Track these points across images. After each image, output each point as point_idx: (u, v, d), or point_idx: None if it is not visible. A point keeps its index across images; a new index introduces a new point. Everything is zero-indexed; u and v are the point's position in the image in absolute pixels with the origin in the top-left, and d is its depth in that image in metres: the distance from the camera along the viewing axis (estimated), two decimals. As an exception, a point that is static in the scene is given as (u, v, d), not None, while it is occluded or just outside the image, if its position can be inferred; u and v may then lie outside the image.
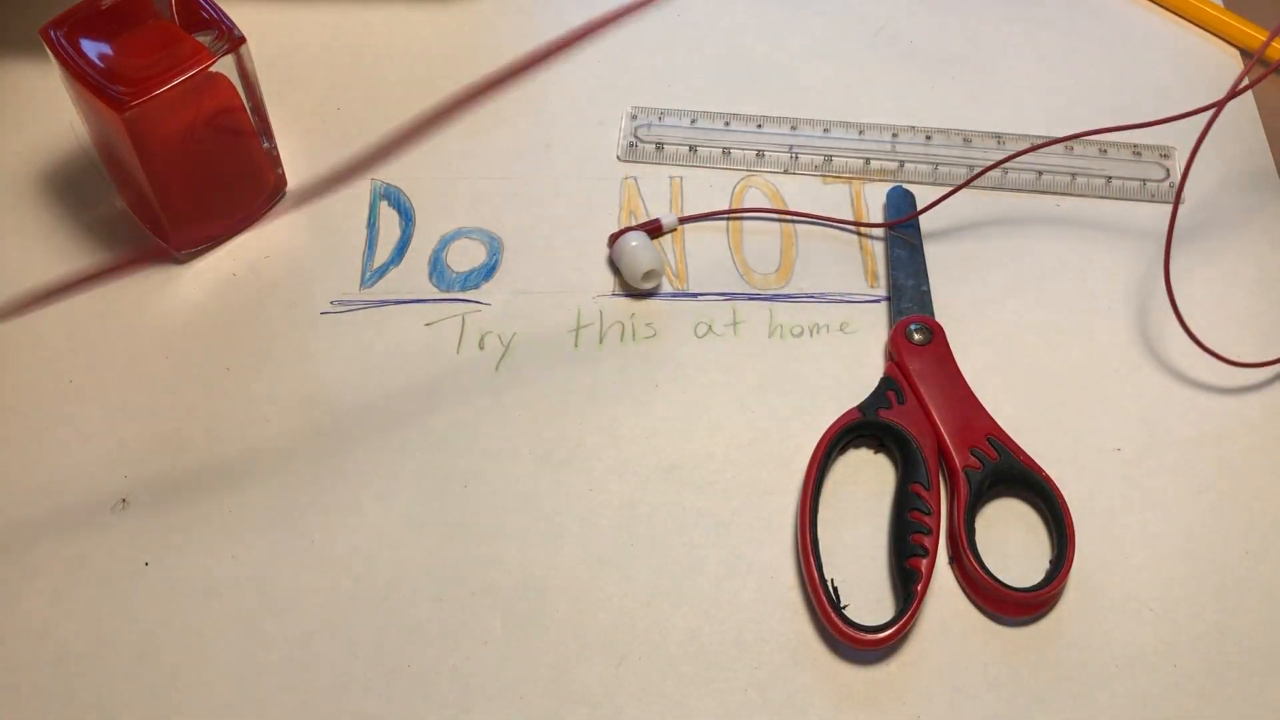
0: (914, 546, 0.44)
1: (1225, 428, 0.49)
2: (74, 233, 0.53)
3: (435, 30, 0.60)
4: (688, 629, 0.44)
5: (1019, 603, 0.44)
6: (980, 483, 0.46)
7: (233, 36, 0.47)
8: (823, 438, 0.47)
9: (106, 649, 0.44)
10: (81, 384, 0.49)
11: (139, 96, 0.45)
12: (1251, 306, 0.52)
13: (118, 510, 0.46)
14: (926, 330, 0.49)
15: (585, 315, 0.52)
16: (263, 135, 0.52)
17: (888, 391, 0.48)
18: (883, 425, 0.47)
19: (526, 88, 0.58)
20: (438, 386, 0.49)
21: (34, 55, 0.58)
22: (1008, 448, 0.46)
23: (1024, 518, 0.47)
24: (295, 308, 0.51)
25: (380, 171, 0.55)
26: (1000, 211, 0.55)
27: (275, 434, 0.48)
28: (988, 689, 0.43)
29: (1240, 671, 0.44)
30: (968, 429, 0.47)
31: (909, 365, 0.48)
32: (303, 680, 0.43)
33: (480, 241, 0.53)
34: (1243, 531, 0.46)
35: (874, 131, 0.57)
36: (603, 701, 0.43)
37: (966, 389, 0.48)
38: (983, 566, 0.44)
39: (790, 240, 0.54)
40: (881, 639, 0.43)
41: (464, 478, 0.47)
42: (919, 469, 0.46)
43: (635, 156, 0.56)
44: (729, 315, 0.52)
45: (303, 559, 0.45)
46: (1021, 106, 0.58)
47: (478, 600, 0.45)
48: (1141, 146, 0.57)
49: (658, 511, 0.47)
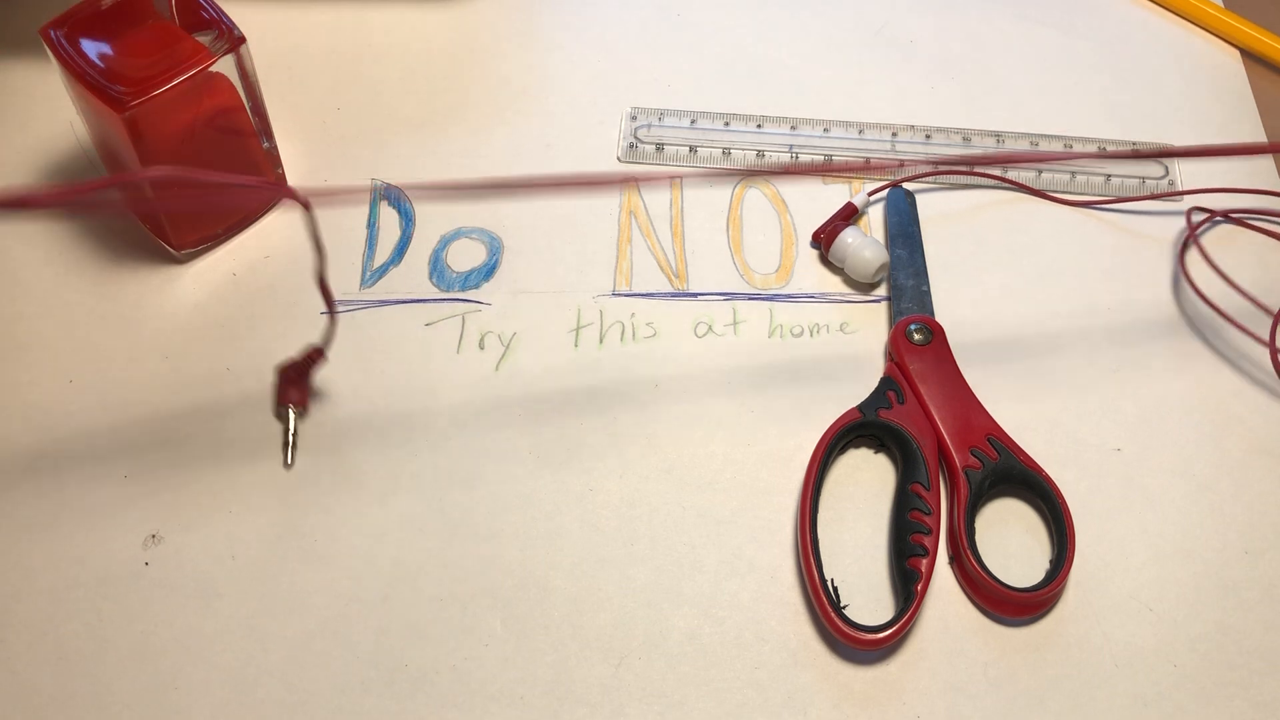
0: (914, 546, 0.44)
1: (1225, 428, 0.49)
2: (74, 233, 0.53)
3: (435, 30, 0.60)
4: (688, 629, 0.44)
5: (1019, 603, 0.44)
6: (980, 483, 0.46)
7: (233, 36, 0.47)
8: (823, 438, 0.47)
9: (106, 649, 0.44)
10: (81, 384, 0.49)
11: (139, 96, 0.45)
12: (1251, 306, 0.52)
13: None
14: (926, 330, 0.49)
15: (585, 315, 0.52)
16: (263, 135, 0.52)
17: (887, 391, 0.48)
18: (883, 425, 0.47)
19: (527, 88, 0.58)
20: (438, 386, 0.49)
21: (34, 55, 0.58)
22: (1008, 448, 0.46)
23: (1024, 518, 0.47)
24: (295, 308, 0.51)
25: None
26: (1000, 211, 0.55)
27: (275, 434, 0.48)
28: (988, 689, 0.43)
29: (1240, 671, 0.44)
30: (968, 429, 0.47)
31: (909, 365, 0.48)
32: (303, 680, 0.43)
33: (480, 241, 0.53)
34: (1243, 531, 0.46)
35: (874, 131, 0.57)
36: (603, 701, 0.43)
37: (966, 389, 0.48)
38: (983, 566, 0.44)
39: (790, 240, 0.54)
40: (881, 639, 0.43)
41: (464, 478, 0.47)
42: (919, 469, 0.46)
43: (635, 157, 0.56)
44: (729, 315, 0.52)
45: (303, 559, 0.45)
46: (1021, 106, 0.58)
47: (478, 600, 0.45)
48: (1140, 144, 0.57)
49: (658, 511, 0.47)
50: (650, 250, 0.53)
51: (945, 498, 0.46)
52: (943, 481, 0.46)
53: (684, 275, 0.53)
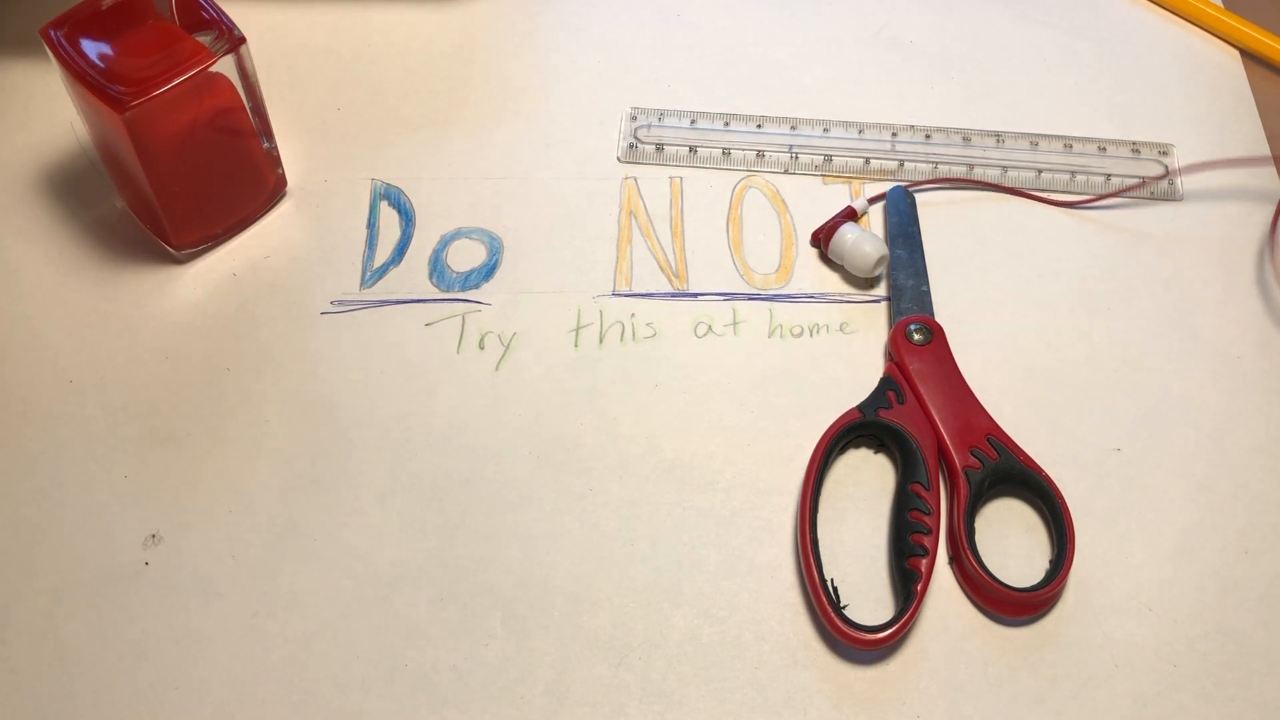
0: (914, 546, 0.44)
1: (1225, 428, 0.49)
2: (74, 233, 0.53)
3: (435, 30, 0.60)
4: (688, 629, 0.44)
5: (1019, 603, 0.44)
6: (980, 483, 0.46)
7: (233, 36, 0.47)
8: (823, 438, 0.47)
9: (106, 649, 0.44)
10: (81, 384, 0.49)
11: (139, 96, 0.45)
12: (1251, 306, 0.52)
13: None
14: (926, 330, 0.49)
15: (585, 315, 0.52)
16: (263, 135, 0.52)
17: (887, 391, 0.48)
18: (882, 425, 0.47)
19: (526, 88, 0.58)
20: (438, 386, 0.49)
21: (34, 55, 0.58)
22: (1008, 448, 0.46)
23: (1024, 518, 0.47)
24: (295, 308, 0.51)
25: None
26: (1000, 211, 0.55)
27: (275, 434, 0.48)
28: (988, 689, 0.43)
29: (1240, 671, 0.44)
30: (967, 429, 0.47)
31: (909, 365, 0.48)
32: (303, 680, 0.43)
33: (480, 241, 0.53)
34: (1243, 531, 0.46)
35: (874, 131, 0.57)
36: (603, 701, 0.43)
37: (966, 389, 0.48)
38: (982, 566, 0.44)
39: (790, 240, 0.54)
40: (881, 639, 0.43)
41: (464, 478, 0.47)
42: (919, 469, 0.46)
43: (635, 158, 0.56)
44: (729, 315, 0.52)
45: (303, 559, 0.45)
46: (1021, 106, 0.58)
47: (478, 600, 0.45)
48: (1140, 144, 0.57)
49: (658, 511, 0.47)
50: (650, 250, 0.53)
51: (945, 498, 0.46)
52: (943, 481, 0.47)
53: (684, 275, 0.53)
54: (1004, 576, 0.44)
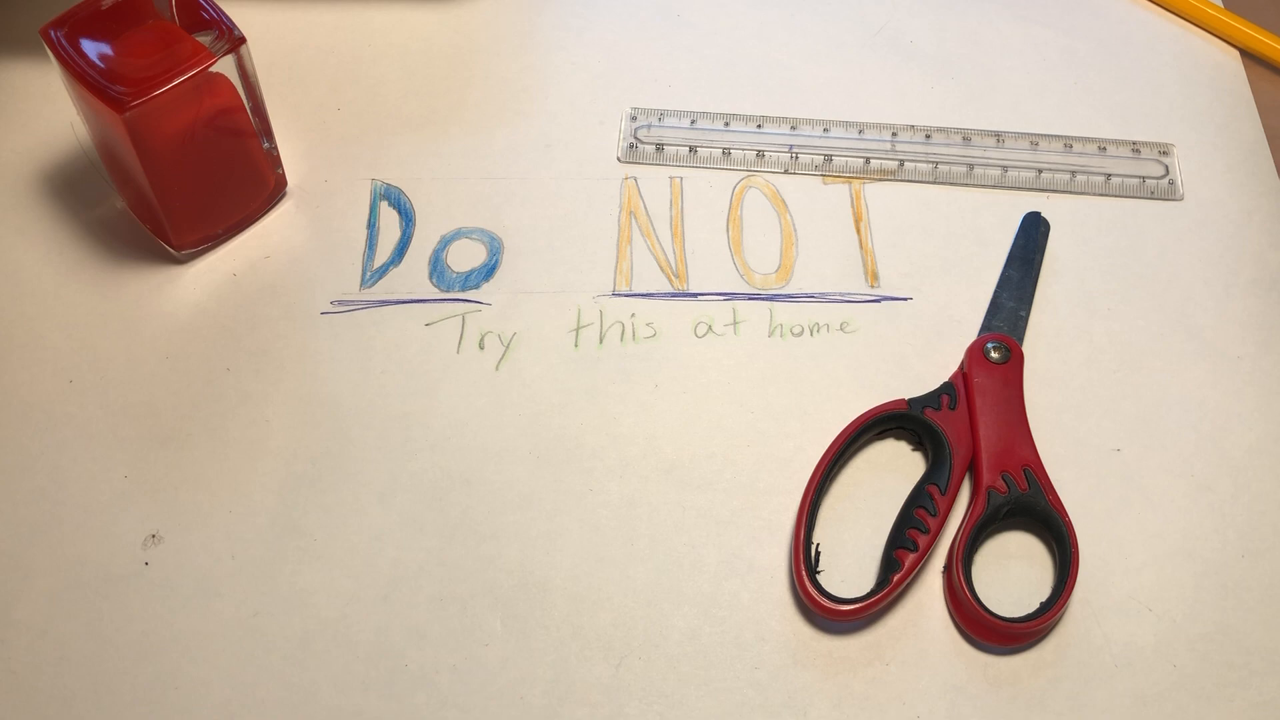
0: (907, 539, 0.44)
1: (1225, 428, 0.49)
2: (74, 233, 0.53)
3: (435, 30, 0.60)
4: (688, 629, 0.44)
5: (991, 627, 0.43)
6: (999, 506, 0.45)
7: (233, 36, 0.47)
8: (863, 415, 0.47)
9: (106, 649, 0.44)
10: (81, 384, 0.49)
11: (139, 96, 0.45)
12: (1251, 306, 0.52)
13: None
14: (1005, 350, 0.49)
15: (585, 315, 0.52)
16: (263, 135, 0.52)
17: (943, 395, 0.48)
18: (923, 422, 0.47)
19: (527, 88, 0.58)
20: (438, 386, 0.49)
21: (34, 55, 0.58)
22: (1040, 483, 0.46)
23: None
24: (295, 308, 0.51)
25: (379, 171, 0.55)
26: (999, 210, 0.55)
27: (275, 434, 0.48)
28: (988, 689, 0.43)
29: (1240, 671, 0.44)
30: (1007, 453, 0.46)
31: (975, 377, 0.48)
32: (303, 680, 0.43)
33: (480, 241, 0.53)
34: (1243, 531, 0.46)
35: (874, 131, 0.57)
36: (603, 701, 0.43)
37: (1023, 417, 0.47)
38: (969, 583, 0.44)
39: (790, 240, 0.54)
40: (839, 611, 0.43)
41: (464, 478, 0.47)
42: (943, 473, 0.46)
43: (635, 158, 0.56)
44: (729, 315, 0.52)
45: (303, 559, 0.45)
46: (1021, 106, 0.58)
47: (478, 600, 0.45)
48: (1140, 144, 0.57)
49: (658, 511, 0.47)
50: (650, 250, 0.53)
51: (963, 510, 0.46)
52: (966, 496, 0.46)
53: (684, 275, 0.53)
54: (990, 603, 0.44)
